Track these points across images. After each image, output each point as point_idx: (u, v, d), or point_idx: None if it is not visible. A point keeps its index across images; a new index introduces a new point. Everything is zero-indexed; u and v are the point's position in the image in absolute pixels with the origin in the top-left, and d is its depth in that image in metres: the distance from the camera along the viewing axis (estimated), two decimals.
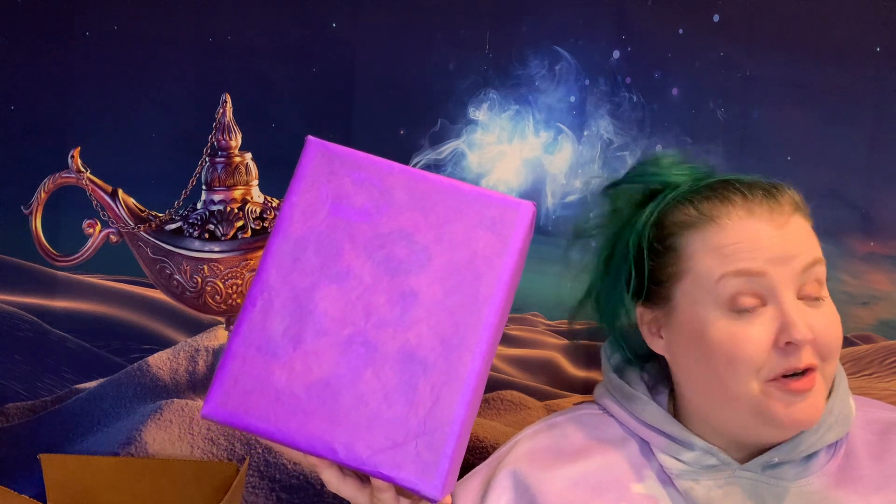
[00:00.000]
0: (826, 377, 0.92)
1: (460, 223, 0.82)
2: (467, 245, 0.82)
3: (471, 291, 0.81)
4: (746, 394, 0.90)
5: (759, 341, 0.90)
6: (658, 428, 0.98)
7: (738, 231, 0.93)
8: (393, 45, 1.38)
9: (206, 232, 1.39)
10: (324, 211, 0.83)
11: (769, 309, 0.90)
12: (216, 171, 1.40)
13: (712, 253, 0.93)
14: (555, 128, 1.38)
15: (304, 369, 0.79)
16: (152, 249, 1.40)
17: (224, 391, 0.79)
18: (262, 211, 1.40)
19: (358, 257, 0.81)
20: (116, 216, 1.39)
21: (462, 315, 0.80)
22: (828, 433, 0.95)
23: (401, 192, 0.84)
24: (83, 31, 1.37)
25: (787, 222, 0.93)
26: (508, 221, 0.82)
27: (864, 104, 1.36)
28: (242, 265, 1.39)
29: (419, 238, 0.82)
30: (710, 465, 0.96)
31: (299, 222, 0.82)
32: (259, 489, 1.43)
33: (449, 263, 0.81)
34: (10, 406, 1.45)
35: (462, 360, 0.80)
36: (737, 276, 0.91)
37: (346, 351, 0.80)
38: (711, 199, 0.96)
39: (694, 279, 0.94)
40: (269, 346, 0.80)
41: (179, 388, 1.43)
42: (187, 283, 1.39)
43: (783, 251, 0.91)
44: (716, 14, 1.35)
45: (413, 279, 0.81)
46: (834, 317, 0.93)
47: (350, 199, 0.83)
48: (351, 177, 0.84)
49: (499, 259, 0.82)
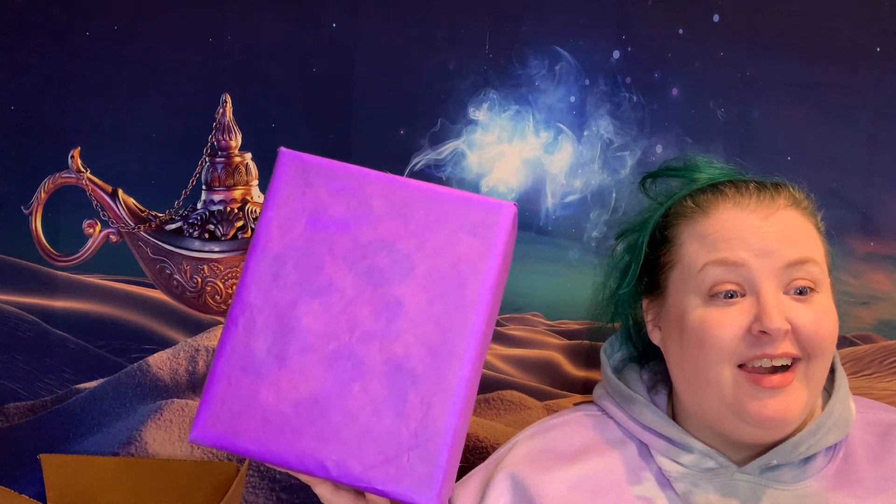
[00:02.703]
0: (810, 377, 0.91)
1: (441, 229, 0.81)
2: (449, 251, 0.81)
3: (456, 298, 0.80)
4: (718, 381, 0.90)
5: (731, 327, 0.89)
6: (657, 431, 0.98)
7: (723, 220, 0.93)
8: (393, 46, 1.38)
9: (206, 232, 1.39)
10: (301, 224, 0.81)
11: (748, 299, 0.90)
12: (216, 171, 1.40)
13: (697, 242, 0.94)
14: (555, 128, 1.38)
15: (291, 387, 0.78)
16: (152, 249, 1.40)
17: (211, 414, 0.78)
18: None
19: (339, 269, 0.80)
20: (116, 216, 1.39)
21: (448, 322, 0.79)
22: (827, 435, 0.94)
23: (379, 200, 0.82)
24: (83, 31, 1.37)
25: (774, 214, 0.93)
26: (490, 224, 0.81)
27: (864, 104, 1.36)
28: (242, 265, 1.39)
29: (400, 246, 0.81)
30: (709, 468, 0.95)
31: (277, 237, 0.81)
32: (259, 489, 1.43)
33: (432, 271, 0.80)
34: (10, 406, 1.45)
35: (451, 369, 0.79)
36: (717, 265, 0.91)
37: (333, 366, 0.78)
38: (706, 192, 0.97)
39: (682, 268, 0.95)
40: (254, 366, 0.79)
41: (179, 388, 1.43)
42: (187, 283, 1.39)
43: (765, 242, 0.91)
44: (716, 14, 1.35)
45: (396, 289, 0.80)
46: (825, 313, 0.91)
47: (328, 211, 0.81)
48: (327, 187, 0.82)
49: (482, 263, 0.81)
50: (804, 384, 0.90)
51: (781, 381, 0.89)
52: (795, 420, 0.91)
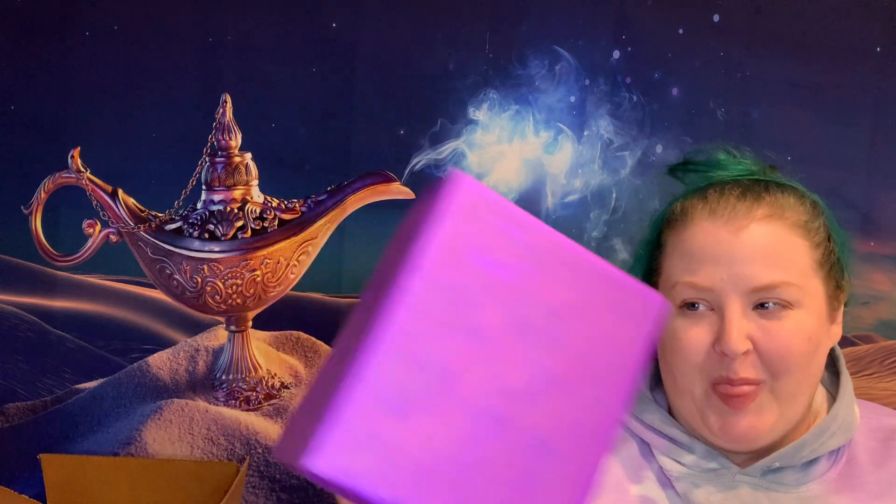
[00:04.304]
0: (779, 394, 0.90)
1: (602, 306, 0.79)
2: (606, 331, 0.79)
3: (604, 381, 0.78)
4: (691, 392, 0.90)
5: (697, 342, 0.89)
6: (659, 430, 0.98)
7: (696, 233, 0.93)
8: (393, 46, 1.38)
9: (206, 232, 1.39)
10: (466, 259, 0.76)
11: (715, 315, 0.90)
12: (216, 171, 1.40)
13: (676, 256, 0.93)
14: (555, 128, 1.39)
15: (429, 434, 0.74)
16: (152, 249, 1.40)
17: (336, 444, 0.71)
18: (261, 211, 1.40)
19: (495, 317, 0.76)
20: (116, 216, 1.39)
21: (592, 404, 0.78)
22: (830, 440, 0.94)
23: (549, 256, 0.78)
24: (83, 31, 1.37)
25: (746, 228, 0.90)
26: (647, 315, 0.80)
27: (864, 104, 1.36)
28: (242, 265, 1.39)
29: (559, 312, 0.78)
30: (710, 469, 0.95)
31: (439, 266, 0.75)
32: (259, 489, 1.43)
33: (585, 346, 0.78)
34: (10, 406, 1.45)
35: (590, 453, 0.78)
36: (686, 286, 0.91)
37: (475, 421, 0.75)
38: (695, 196, 0.96)
39: (664, 279, 0.95)
40: (392, 403, 0.73)
41: (179, 388, 1.43)
42: (187, 283, 1.39)
43: (733, 264, 0.89)
44: (716, 14, 1.35)
45: (548, 356, 0.78)
46: (796, 330, 0.89)
47: (497, 253, 0.77)
48: (499, 226, 0.77)
49: (633, 351, 0.80)
50: (773, 401, 0.90)
51: (743, 402, 0.89)
52: (767, 436, 0.90)
